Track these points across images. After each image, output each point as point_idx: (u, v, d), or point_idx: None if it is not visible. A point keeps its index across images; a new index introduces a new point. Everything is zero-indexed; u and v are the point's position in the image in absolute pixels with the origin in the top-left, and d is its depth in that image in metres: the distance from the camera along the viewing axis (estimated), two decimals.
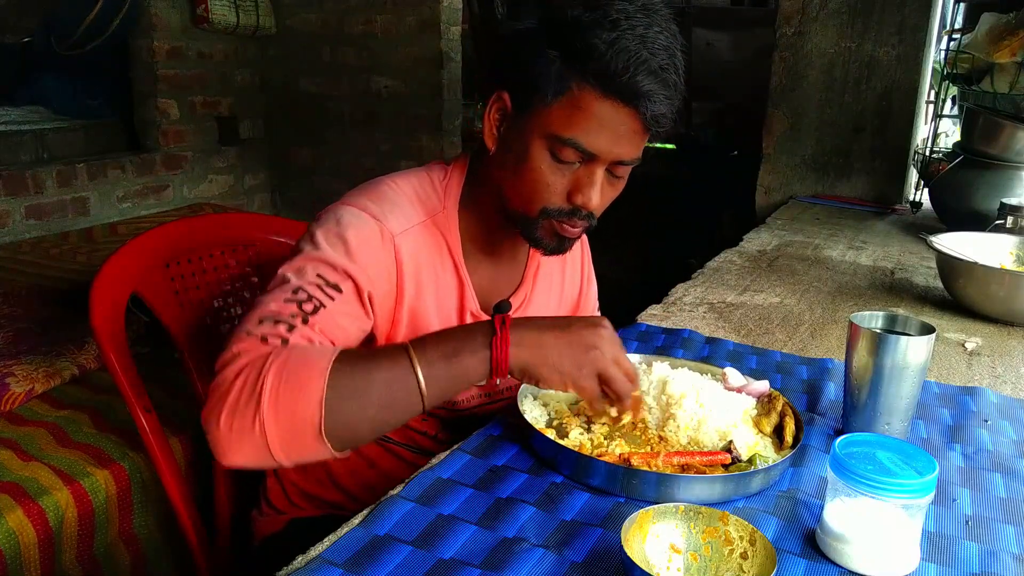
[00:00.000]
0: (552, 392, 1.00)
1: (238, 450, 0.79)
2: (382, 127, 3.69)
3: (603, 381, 0.86)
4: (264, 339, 0.83)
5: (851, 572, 0.72)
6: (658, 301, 1.55)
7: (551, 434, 0.90)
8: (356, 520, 0.77)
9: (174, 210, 3.42)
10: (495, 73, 0.97)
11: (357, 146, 3.77)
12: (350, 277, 0.92)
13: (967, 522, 0.81)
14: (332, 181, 3.87)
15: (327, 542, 0.73)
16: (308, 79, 3.79)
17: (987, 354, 1.34)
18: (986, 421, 1.06)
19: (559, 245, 0.99)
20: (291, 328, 0.85)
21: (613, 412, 0.92)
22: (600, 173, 0.93)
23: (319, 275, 0.91)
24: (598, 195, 0.93)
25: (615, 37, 0.86)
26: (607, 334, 0.88)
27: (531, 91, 0.91)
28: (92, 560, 1.42)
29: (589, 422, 0.96)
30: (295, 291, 0.89)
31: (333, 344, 0.89)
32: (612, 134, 0.90)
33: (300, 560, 0.71)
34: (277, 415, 0.77)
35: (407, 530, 0.75)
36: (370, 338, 0.99)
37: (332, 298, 0.90)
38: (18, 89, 3.15)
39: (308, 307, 0.88)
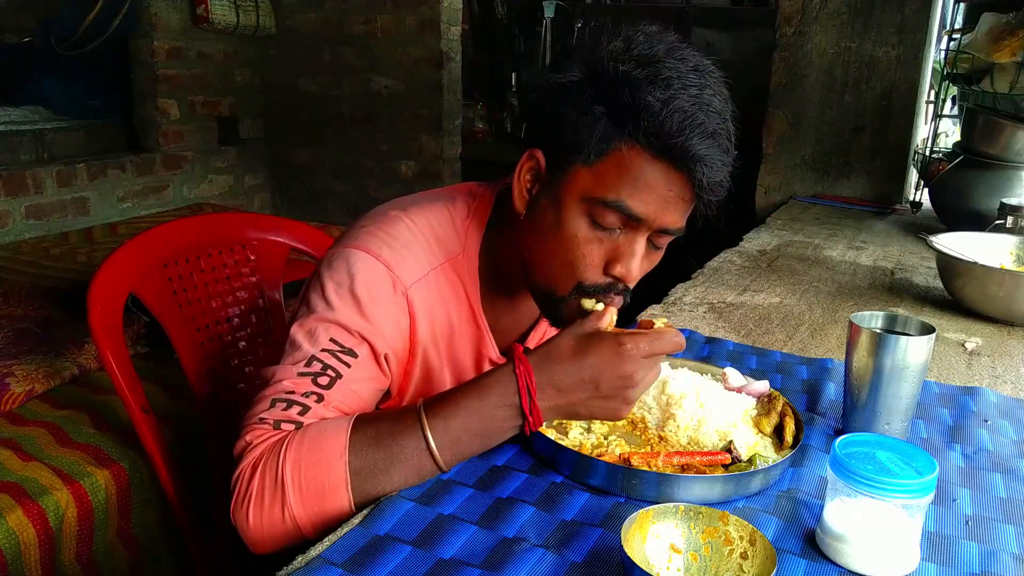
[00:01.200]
0: None
1: (272, 541, 0.80)
2: (382, 127, 3.69)
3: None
4: (277, 425, 0.82)
5: (851, 572, 0.72)
6: (658, 301, 1.55)
7: (551, 434, 0.90)
8: (356, 520, 0.77)
9: (174, 210, 3.42)
10: (530, 130, 0.91)
11: (357, 146, 3.77)
12: (365, 340, 0.89)
13: (967, 522, 0.81)
14: (332, 181, 3.87)
15: (327, 542, 0.73)
16: (308, 79, 3.79)
17: (987, 354, 1.34)
18: (986, 421, 1.05)
19: None
20: (304, 410, 0.83)
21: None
22: (642, 242, 0.87)
23: (333, 339, 0.87)
24: (638, 266, 0.87)
25: (669, 96, 0.79)
26: (629, 361, 0.81)
27: (570, 149, 0.85)
28: (91, 560, 1.42)
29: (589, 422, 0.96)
30: (308, 362, 0.86)
31: (348, 413, 0.87)
32: (660, 198, 0.83)
33: (300, 560, 0.71)
34: (306, 507, 0.79)
35: (407, 530, 0.75)
36: (384, 393, 0.97)
37: (348, 364, 0.87)
38: (18, 89, 3.15)
39: (323, 380, 0.85)
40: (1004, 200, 1.84)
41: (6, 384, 1.62)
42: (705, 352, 1.27)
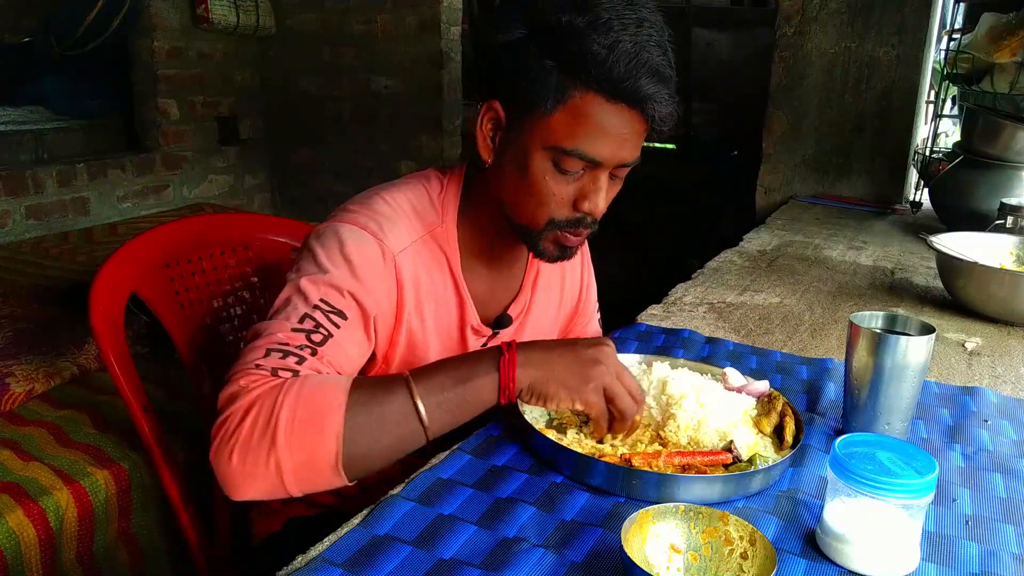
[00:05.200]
0: None
1: (250, 486, 0.79)
2: (382, 127, 3.69)
3: (608, 398, 0.87)
4: (275, 372, 0.83)
5: (851, 572, 0.72)
6: (658, 301, 1.55)
7: (551, 434, 0.90)
8: (356, 520, 0.77)
9: (174, 210, 3.42)
10: (485, 83, 0.96)
11: (357, 146, 3.77)
12: (355, 301, 0.92)
13: (967, 522, 0.81)
14: (332, 181, 3.87)
15: (327, 542, 0.73)
16: (308, 79, 3.79)
17: (987, 354, 1.34)
18: (986, 421, 1.06)
19: (563, 253, 0.99)
20: (300, 361, 0.85)
21: (617, 439, 0.91)
22: (605, 179, 0.93)
23: (324, 300, 0.90)
24: (604, 201, 0.94)
25: (612, 41, 0.84)
26: (610, 351, 0.90)
27: (528, 101, 0.89)
28: (92, 560, 1.42)
29: (587, 421, 0.96)
30: (302, 319, 0.88)
31: (340, 373, 0.89)
32: (616, 139, 0.89)
33: (300, 560, 0.71)
34: (293, 451, 0.78)
35: (407, 530, 0.75)
36: (369, 358, 0.99)
37: (338, 326, 0.89)
38: (18, 89, 3.14)
39: (316, 337, 0.87)
40: (1004, 200, 1.84)
41: (6, 384, 1.62)
42: (705, 352, 1.27)
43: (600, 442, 0.91)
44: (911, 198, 2.65)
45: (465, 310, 1.04)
